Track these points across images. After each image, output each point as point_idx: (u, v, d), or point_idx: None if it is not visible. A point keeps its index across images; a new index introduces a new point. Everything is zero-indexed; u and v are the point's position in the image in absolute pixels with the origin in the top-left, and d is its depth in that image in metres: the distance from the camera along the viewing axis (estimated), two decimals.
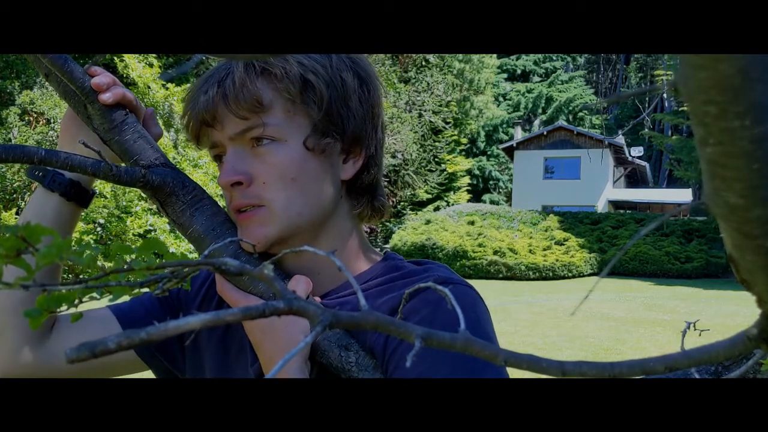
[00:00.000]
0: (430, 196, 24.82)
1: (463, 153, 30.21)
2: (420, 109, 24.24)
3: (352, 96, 0.74)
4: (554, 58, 39.99)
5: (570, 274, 17.12)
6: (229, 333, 0.81)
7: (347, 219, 0.79)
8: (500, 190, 33.66)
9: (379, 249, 0.87)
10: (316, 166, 0.73)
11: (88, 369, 0.83)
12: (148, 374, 0.87)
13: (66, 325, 0.83)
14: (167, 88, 12.82)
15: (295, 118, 0.72)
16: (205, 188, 0.81)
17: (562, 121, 30.65)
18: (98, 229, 10.65)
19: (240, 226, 0.74)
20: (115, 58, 13.34)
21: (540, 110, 37.58)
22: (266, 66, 0.71)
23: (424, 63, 25.62)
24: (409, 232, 18.57)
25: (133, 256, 0.33)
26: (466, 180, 29.72)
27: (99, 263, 0.32)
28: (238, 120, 0.71)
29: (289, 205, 0.72)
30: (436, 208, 23.73)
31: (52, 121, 13.40)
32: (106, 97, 0.73)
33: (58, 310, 0.33)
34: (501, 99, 37.84)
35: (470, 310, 0.69)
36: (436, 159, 24.96)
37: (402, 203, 23.39)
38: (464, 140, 29.57)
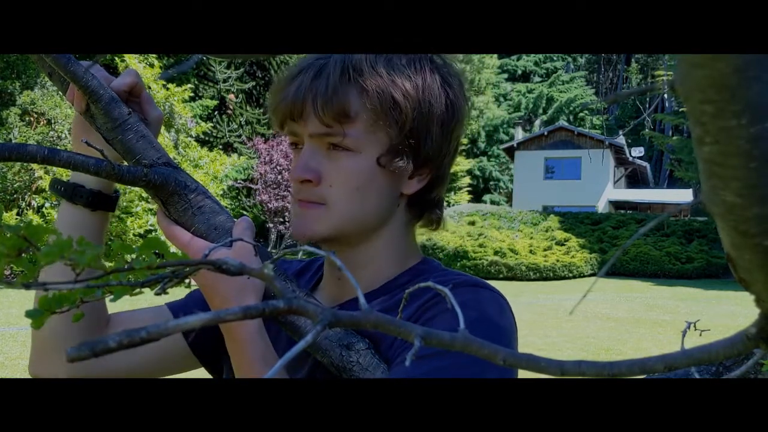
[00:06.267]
0: None
1: (464, 153, 30.22)
2: None
3: (436, 120, 0.75)
4: (555, 58, 39.96)
5: (570, 275, 17.11)
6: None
7: (401, 228, 0.81)
8: (501, 190, 33.63)
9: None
10: (382, 181, 0.76)
11: (145, 370, 0.85)
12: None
13: (120, 326, 0.85)
14: (167, 88, 12.82)
15: (375, 133, 0.74)
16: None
17: (562, 122, 30.65)
18: None
19: (296, 214, 0.78)
20: (116, 58, 13.34)
21: (541, 110, 37.56)
22: (359, 76, 0.73)
23: None
24: None
25: (134, 256, 0.34)
26: (467, 180, 29.73)
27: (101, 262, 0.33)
28: (321, 124, 0.73)
29: (346, 211, 0.75)
30: None
31: (52, 121, 13.40)
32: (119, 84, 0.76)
33: (59, 309, 0.33)
34: (501, 99, 37.83)
35: (494, 311, 0.72)
36: None
37: None
38: (465, 140, 29.50)
